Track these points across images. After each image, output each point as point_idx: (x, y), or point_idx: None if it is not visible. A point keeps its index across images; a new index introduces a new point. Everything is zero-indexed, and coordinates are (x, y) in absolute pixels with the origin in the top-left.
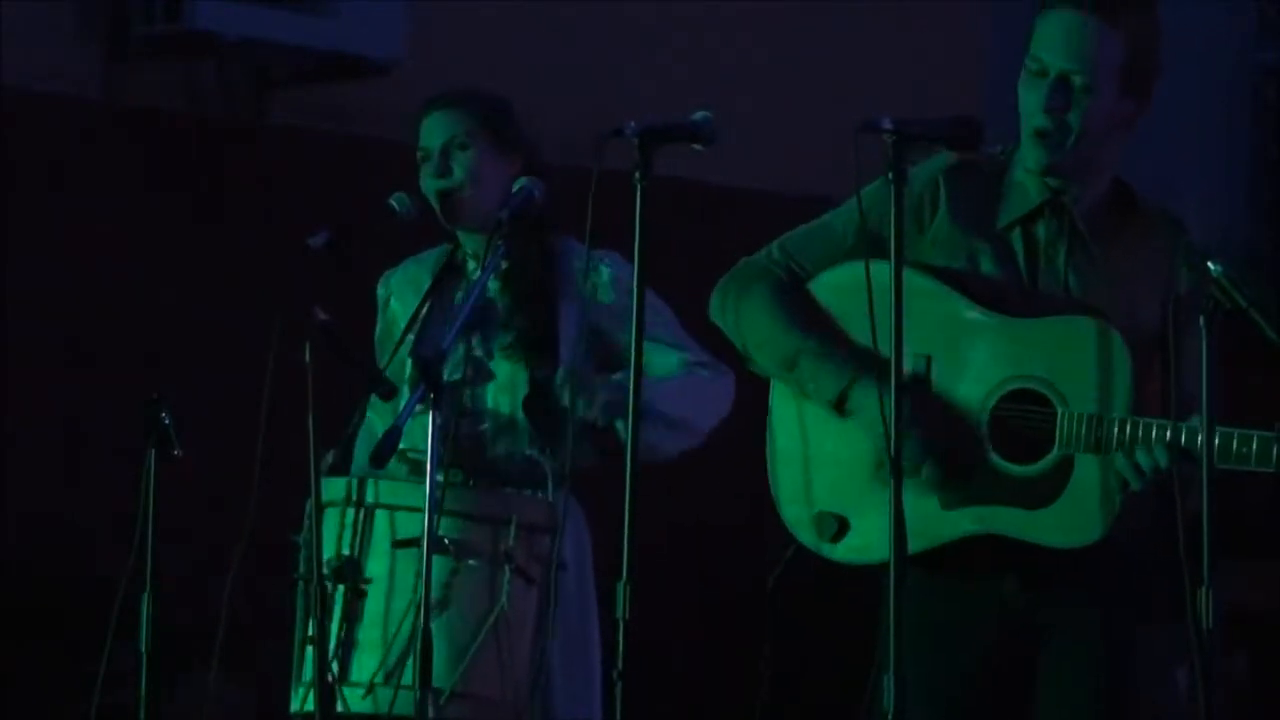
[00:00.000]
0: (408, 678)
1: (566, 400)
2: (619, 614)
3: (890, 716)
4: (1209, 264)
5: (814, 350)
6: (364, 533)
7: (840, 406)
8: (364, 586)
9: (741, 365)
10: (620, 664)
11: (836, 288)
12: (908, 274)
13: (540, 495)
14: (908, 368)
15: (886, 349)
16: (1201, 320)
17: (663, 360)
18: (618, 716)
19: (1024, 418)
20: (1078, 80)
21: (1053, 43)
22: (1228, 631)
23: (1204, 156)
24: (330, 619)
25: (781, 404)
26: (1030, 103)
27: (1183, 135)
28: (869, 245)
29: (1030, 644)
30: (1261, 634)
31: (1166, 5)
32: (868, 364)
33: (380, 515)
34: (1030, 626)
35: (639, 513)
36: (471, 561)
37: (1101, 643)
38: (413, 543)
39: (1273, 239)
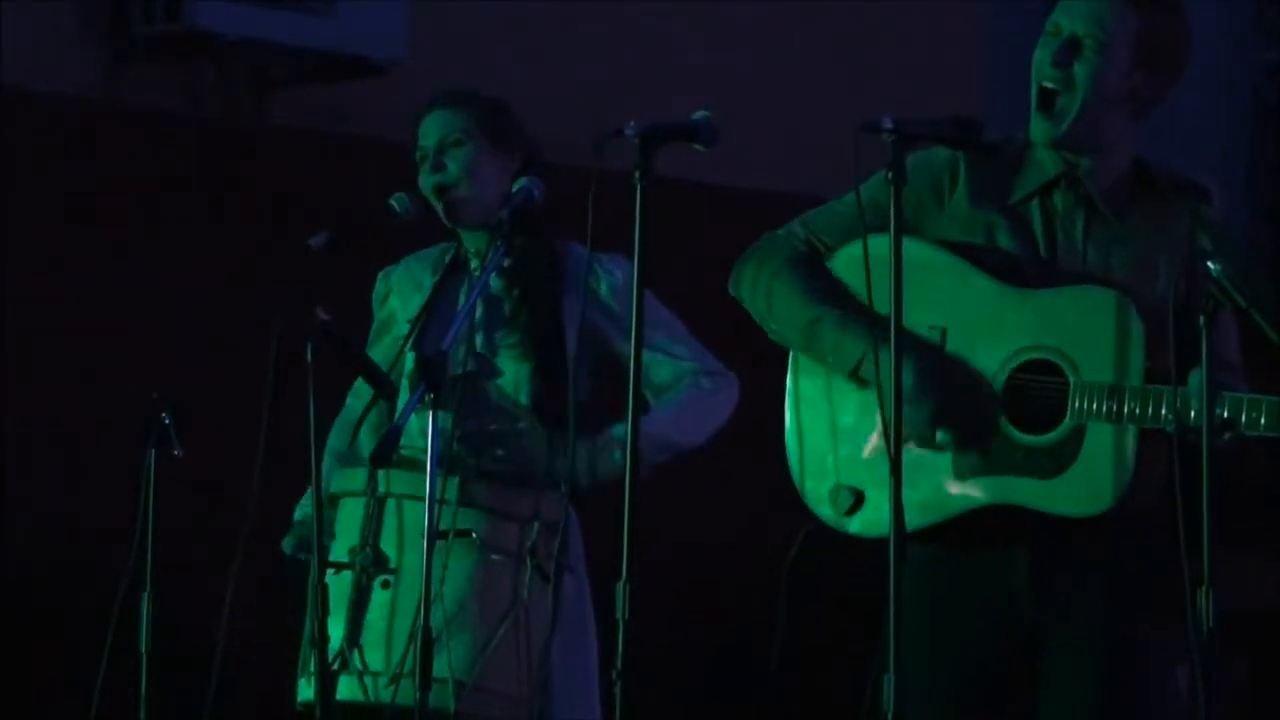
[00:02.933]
0: (438, 669)
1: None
2: (619, 614)
3: (890, 717)
4: (1209, 264)
5: (833, 319)
6: (387, 523)
7: (856, 374)
8: (389, 578)
9: (752, 362)
10: (620, 664)
11: (855, 262)
12: (923, 249)
13: (557, 493)
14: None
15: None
16: (1202, 320)
17: (661, 372)
18: (617, 716)
19: (1037, 388)
20: (1089, 42)
21: (1070, 8)
22: (1228, 633)
23: (1204, 156)
24: (348, 610)
25: (798, 379)
26: (1040, 60)
27: (1183, 135)
28: (866, 234)
29: (1037, 629)
30: (1261, 634)
31: None
32: (886, 333)
33: (405, 505)
34: (1038, 610)
35: (640, 510)
36: (495, 557)
37: (1106, 636)
38: (441, 535)
39: (1273, 239)
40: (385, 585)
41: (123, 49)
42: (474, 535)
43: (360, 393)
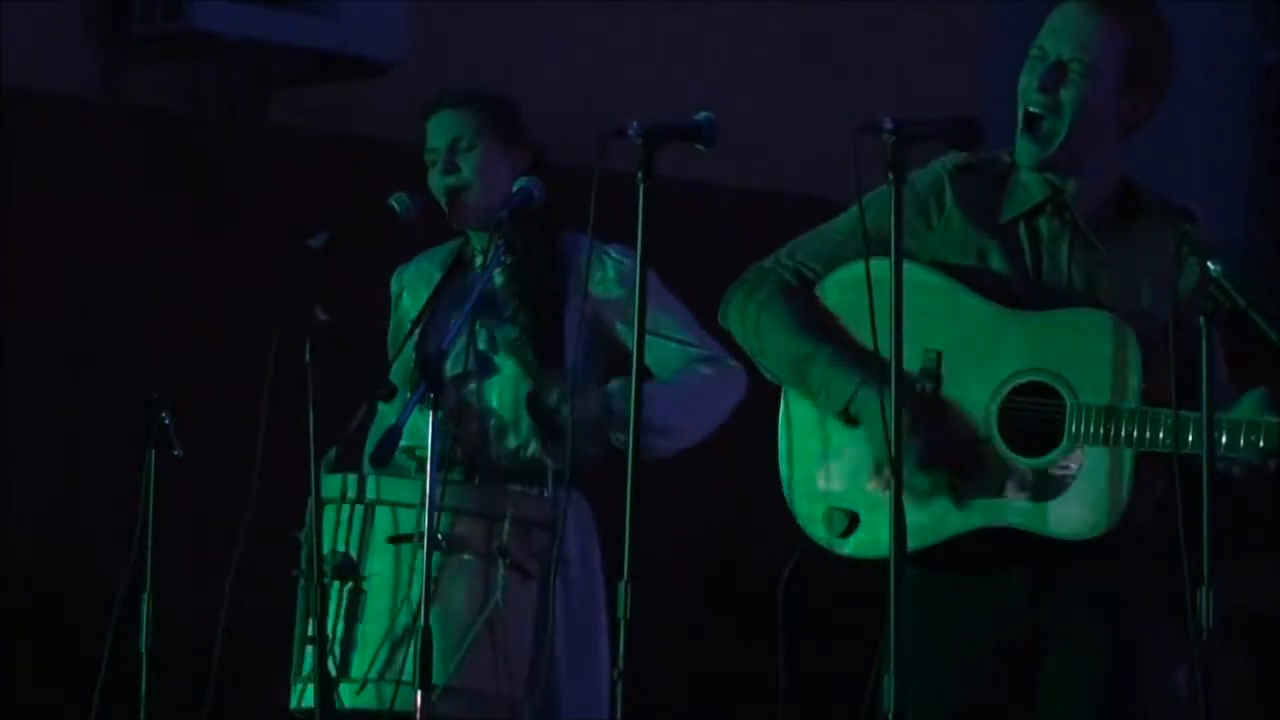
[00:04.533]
0: (406, 673)
1: (565, 411)
2: (620, 614)
3: (890, 717)
4: (1209, 264)
5: (824, 359)
6: (364, 530)
7: (846, 413)
8: (362, 584)
9: (749, 371)
10: (621, 664)
11: (845, 285)
12: (917, 271)
13: (538, 492)
14: (917, 365)
15: (889, 346)
16: (1201, 320)
17: (664, 357)
18: (618, 716)
19: (1034, 410)
20: (1075, 66)
21: (1055, 31)
22: (1228, 631)
23: (1204, 156)
24: (328, 616)
25: (793, 400)
26: (1026, 84)
27: (1183, 135)
28: (868, 248)
29: (1034, 646)
30: (1262, 634)
31: (1167, 5)
32: (876, 370)
33: (382, 511)
34: (1034, 628)
35: (645, 512)
36: (466, 556)
37: (1104, 647)
38: (408, 538)
39: (1273, 239)
40: (359, 592)
41: (123, 49)
42: (439, 537)
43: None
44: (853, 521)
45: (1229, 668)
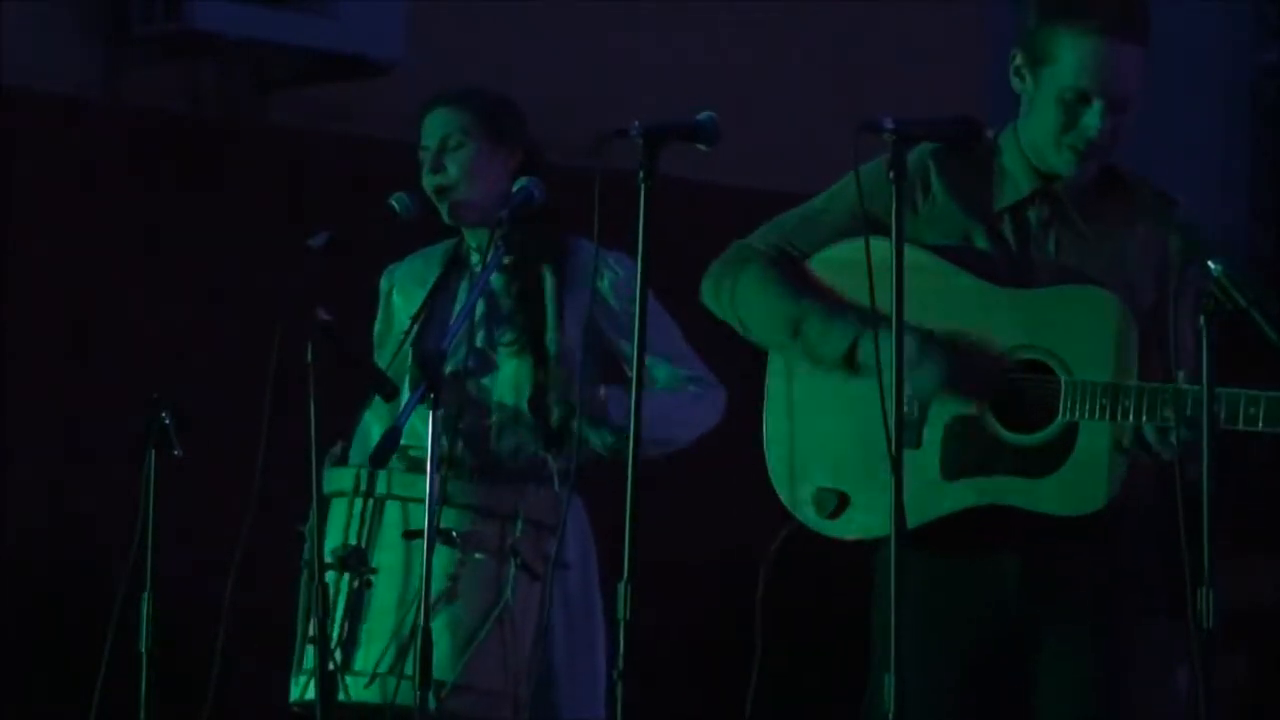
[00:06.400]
0: (411, 668)
1: (575, 425)
2: (620, 614)
3: (890, 717)
4: (1209, 263)
5: (819, 312)
6: (373, 523)
7: (850, 360)
8: (370, 576)
9: (739, 370)
10: (620, 664)
11: (834, 264)
12: (908, 251)
13: (547, 491)
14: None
15: (886, 323)
16: (1202, 320)
17: (655, 375)
18: (618, 716)
19: (1028, 387)
20: (1117, 103)
21: (1091, 71)
22: (1227, 630)
23: (1204, 157)
24: (334, 609)
25: (777, 383)
26: (1087, 123)
27: (1183, 136)
28: (867, 225)
29: (1027, 636)
30: (1261, 634)
31: (1166, 5)
32: (873, 319)
33: (392, 506)
34: (1028, 618)
35: (642, 513)
36: (478, 555)
37: (1099, 641)
38: (422, 534)
39: (1273, 239)
40: (367, 585)
41: (123, 49)
42: (454, 534)
43: (377, 406)
44: (842, 502)
45: (1229, 668)
